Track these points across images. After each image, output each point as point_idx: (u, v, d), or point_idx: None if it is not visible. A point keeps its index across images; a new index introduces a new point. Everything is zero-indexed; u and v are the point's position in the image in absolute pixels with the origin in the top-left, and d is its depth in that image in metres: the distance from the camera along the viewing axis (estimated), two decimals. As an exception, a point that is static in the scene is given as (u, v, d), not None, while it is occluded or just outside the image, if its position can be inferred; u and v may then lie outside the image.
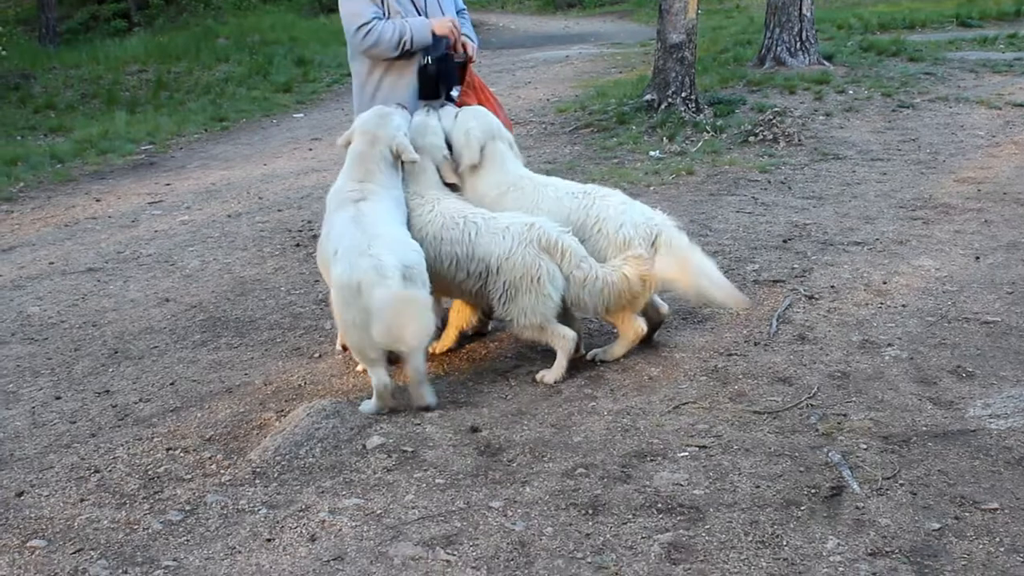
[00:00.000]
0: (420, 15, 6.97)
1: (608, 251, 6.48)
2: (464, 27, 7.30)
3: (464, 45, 7.18)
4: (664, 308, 6.87)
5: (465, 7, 7.52)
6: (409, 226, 6.55)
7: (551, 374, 6.44)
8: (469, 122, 6.84)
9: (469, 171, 6.80)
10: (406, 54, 6.91)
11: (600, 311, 6.49)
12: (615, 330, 6.72)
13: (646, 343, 6.83)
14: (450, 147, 6.83)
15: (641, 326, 6.58)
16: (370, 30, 6.80)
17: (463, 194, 6.81)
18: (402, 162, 6.58)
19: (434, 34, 6.90)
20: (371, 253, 5.79)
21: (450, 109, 6.97)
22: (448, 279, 6.50)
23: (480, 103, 7.13)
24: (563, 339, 6.40)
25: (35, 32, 29.34)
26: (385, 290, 5.65)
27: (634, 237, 6.44)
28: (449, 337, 7.03)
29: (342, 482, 5.27)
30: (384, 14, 6.88)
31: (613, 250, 6.46)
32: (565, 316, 6.49)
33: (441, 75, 7.00)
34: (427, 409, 6.03)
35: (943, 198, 10.27)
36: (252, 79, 21.83)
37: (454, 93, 7.10)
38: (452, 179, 6.81)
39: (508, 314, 6.41)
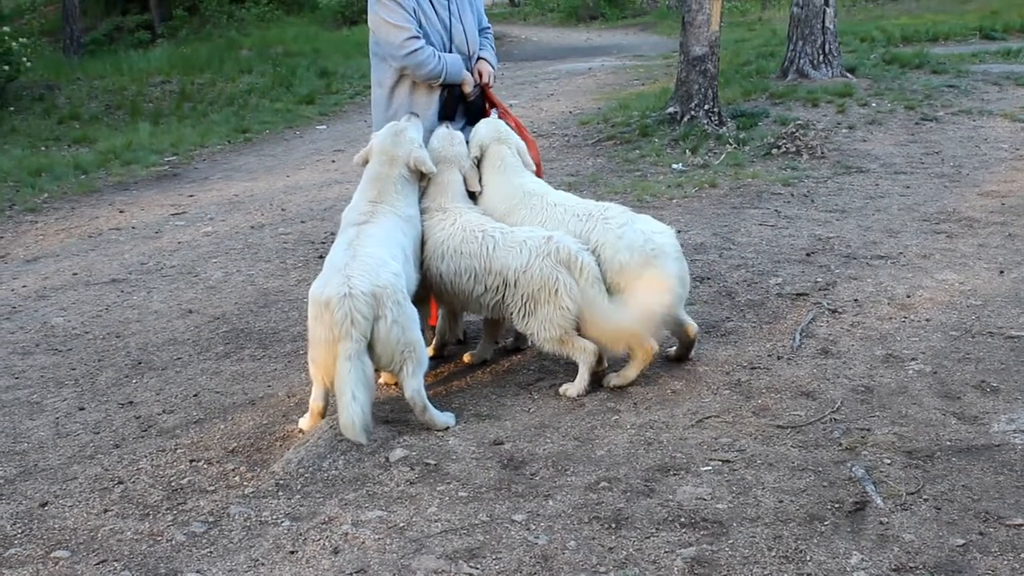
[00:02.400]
0: (445, 32, 7.00)
1: (607, 275, 6.43)
2: (484, 50, 7.37)
3: (480, 72, 7.26)
4: (693, 329, 6.80)
5: (489, 26, 7.56)
6: (426, 240, 6.61)
7: (574, 387, 6.44)
8: (479, 126, 6.98)
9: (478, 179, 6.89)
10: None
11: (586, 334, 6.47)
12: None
13: (683, 362, 6.84)
14: None
15: (652, 344, 6.53)
16: (421, 47, 6.85)
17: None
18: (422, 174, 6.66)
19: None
20: (345, 273, 5.81)
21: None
22: (467, 293, 6.52)
23: None
24: (584, 352, 6.39)
25: (59, 43, 29.51)
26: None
27: (629, 262, 6.38)
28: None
29: (365, 495, 5.28)
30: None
31: (611, 275, 6.41)
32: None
33: (465, 102, 7.15)
34: (446, 429, 6.03)
35: (967, 212, 10.24)
36: (275, 91, 21.92)
37: (493, 114, 7.19)
38: (476, 188, 6.85)
39: (528, 328, 6.41)
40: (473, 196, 6.88)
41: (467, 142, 6.93)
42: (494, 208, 6.79)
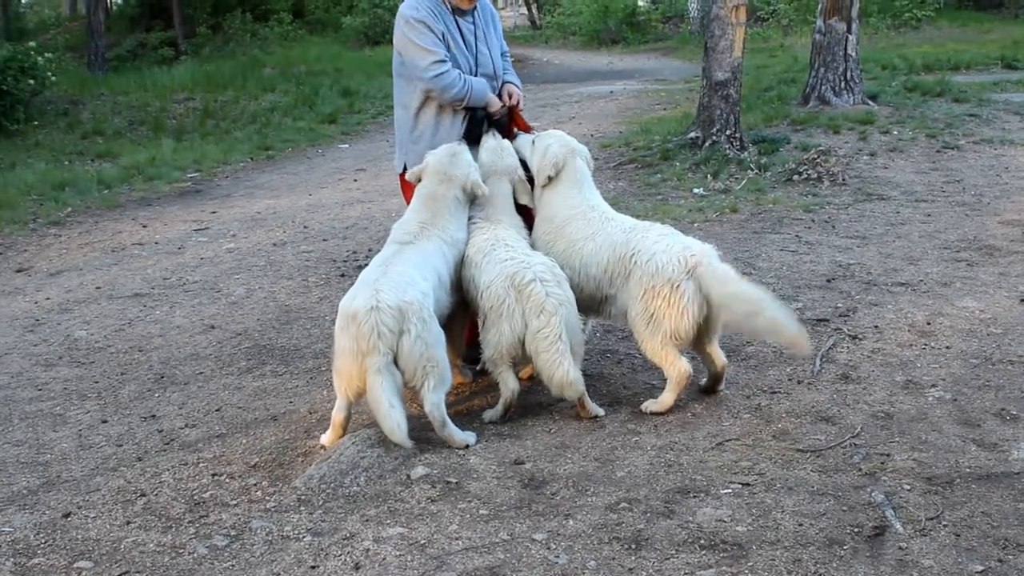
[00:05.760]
0: (471, 55, 7.03)
1: (643, 280, 6.41)
2: (509, 74, 7.41)
3: (510, 94, 7.29)
4: (721, 362, 6.74)
5: (507, 50, 7.59)
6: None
7: (490, 413, 6.50)
8: (548, 140, 6.95)
9: (545, 188, 6.90)
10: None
11: (534, 366, 6.41)
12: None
13: (712, 394, 6.79)
14: (526, 169, 6.97)
15: (686, 366, 6.47)
16: (446, 71, 6.86)
17: (537, 213, 6.93)
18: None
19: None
20: (374, 287, 5.87)
21: (527, 136, 7.10)
22: (473, 302, 6.58)
23: None
24: (506, 387, 6.39)
25: (84, 59, 29.73)
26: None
27: (666, 264, 6.34)
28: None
29: (386, 511, 5.30)
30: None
31: (646, 279, 6.38)
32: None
33: (491, 124, 7.12)
34: (467, 447, 6.05)
35: (987, 240, 10.24)
36: (298, 109, 22.02)
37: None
38: (526, 200, 6.89)
39: (482, 343, 6.46)
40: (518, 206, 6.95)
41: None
42: (554, 217, 6.82)
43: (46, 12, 46.83)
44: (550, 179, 6.87)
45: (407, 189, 7.08)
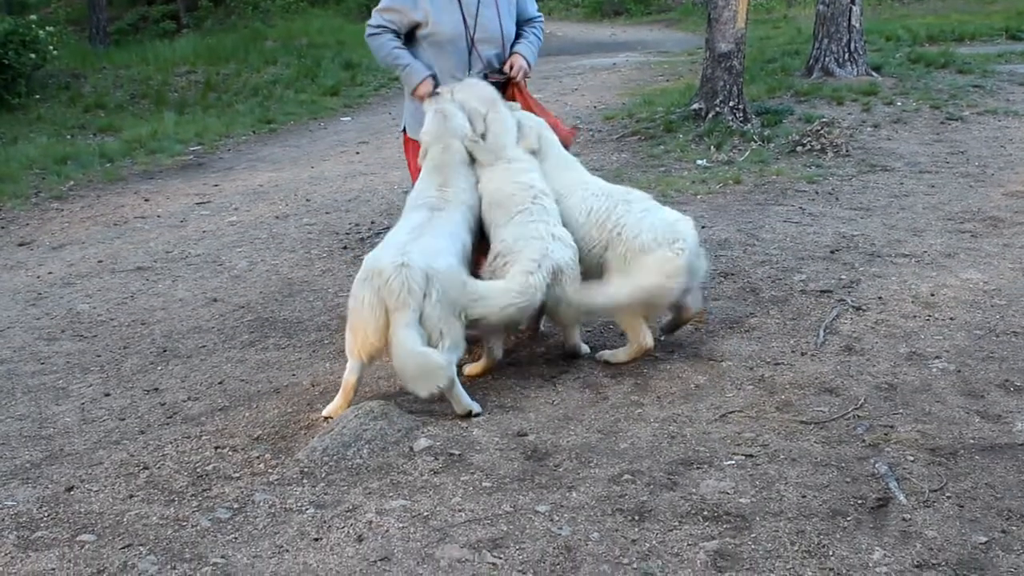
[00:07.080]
0: (471, 19, 6.90)
1: (629, 256, 6.46)
2: (520, 43, 7.26)
3: (511, 63, 7.18)
4: (690, 312, 6.82)
5: (538, 16, 7.43)
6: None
7: (476, 367, 6.62)
8: (524, 121, 6.98)
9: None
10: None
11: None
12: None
13: (668, 334, 6.92)
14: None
15: (648, 340, 6.56)
16: (373, 36, 7.00)
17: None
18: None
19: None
20: (404, 249, 5.89)
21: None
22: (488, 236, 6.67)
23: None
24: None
25: (85, 32, 29.56)
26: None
27: (653, 241, 6.41)
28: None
29: (389, 483, 5.30)
30: (405, 23, 6.97)
31: (633, 255, 6.44)
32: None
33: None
34: (469, 415, 6.03)
35: (992, 211, 10.20)
36: (300, 82, 21.94)
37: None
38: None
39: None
40: None
41: None
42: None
43: (47, -15, 46.66)
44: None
45: (408, 149, 7.11)
